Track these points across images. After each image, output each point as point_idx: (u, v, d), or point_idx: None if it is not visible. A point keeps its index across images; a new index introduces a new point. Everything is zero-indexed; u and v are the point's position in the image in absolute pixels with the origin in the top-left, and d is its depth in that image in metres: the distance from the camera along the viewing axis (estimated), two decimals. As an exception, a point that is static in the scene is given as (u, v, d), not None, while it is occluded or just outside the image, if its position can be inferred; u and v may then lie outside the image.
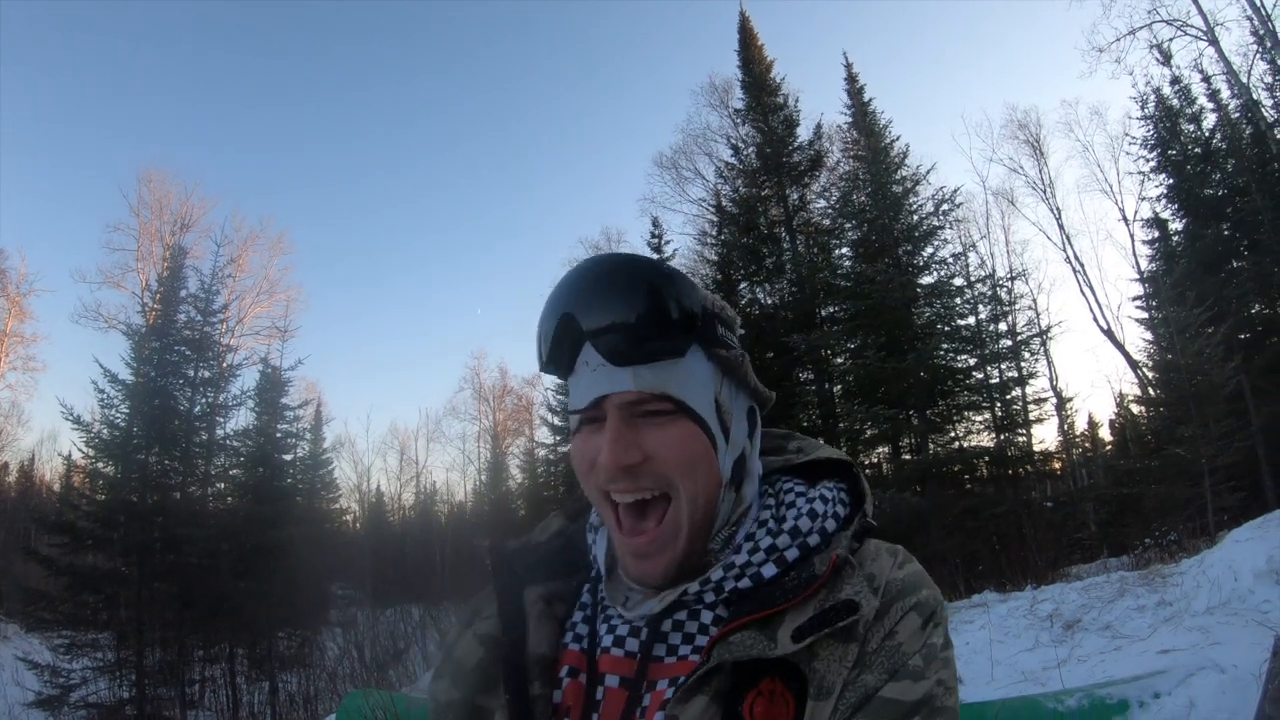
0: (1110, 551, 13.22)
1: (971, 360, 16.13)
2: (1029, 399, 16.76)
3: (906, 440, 16.37)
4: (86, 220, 50.37)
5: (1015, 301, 17.05)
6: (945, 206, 16.63)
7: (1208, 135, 18.23)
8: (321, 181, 57.14)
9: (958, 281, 16.46)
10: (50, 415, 50.92)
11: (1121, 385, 27.18)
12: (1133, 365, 19.88)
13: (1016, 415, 16.26)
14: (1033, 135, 23.33)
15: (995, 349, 16.08)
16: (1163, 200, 18.96)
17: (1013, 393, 16.27)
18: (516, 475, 34.30)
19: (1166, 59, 19.15)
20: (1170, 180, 18.51)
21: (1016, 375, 16.20)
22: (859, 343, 15.90)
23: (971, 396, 16.00)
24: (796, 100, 19.53)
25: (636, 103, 60.14)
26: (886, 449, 16.59)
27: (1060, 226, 22.37)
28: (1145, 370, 19.04)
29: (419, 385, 69.22)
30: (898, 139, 17.89)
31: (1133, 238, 20.66)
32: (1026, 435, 16.38)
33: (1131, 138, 20.07)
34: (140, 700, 14.19)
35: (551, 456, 26.26)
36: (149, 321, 18.97)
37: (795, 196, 19.37)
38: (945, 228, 16.90)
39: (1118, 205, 22.21)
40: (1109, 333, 20.98)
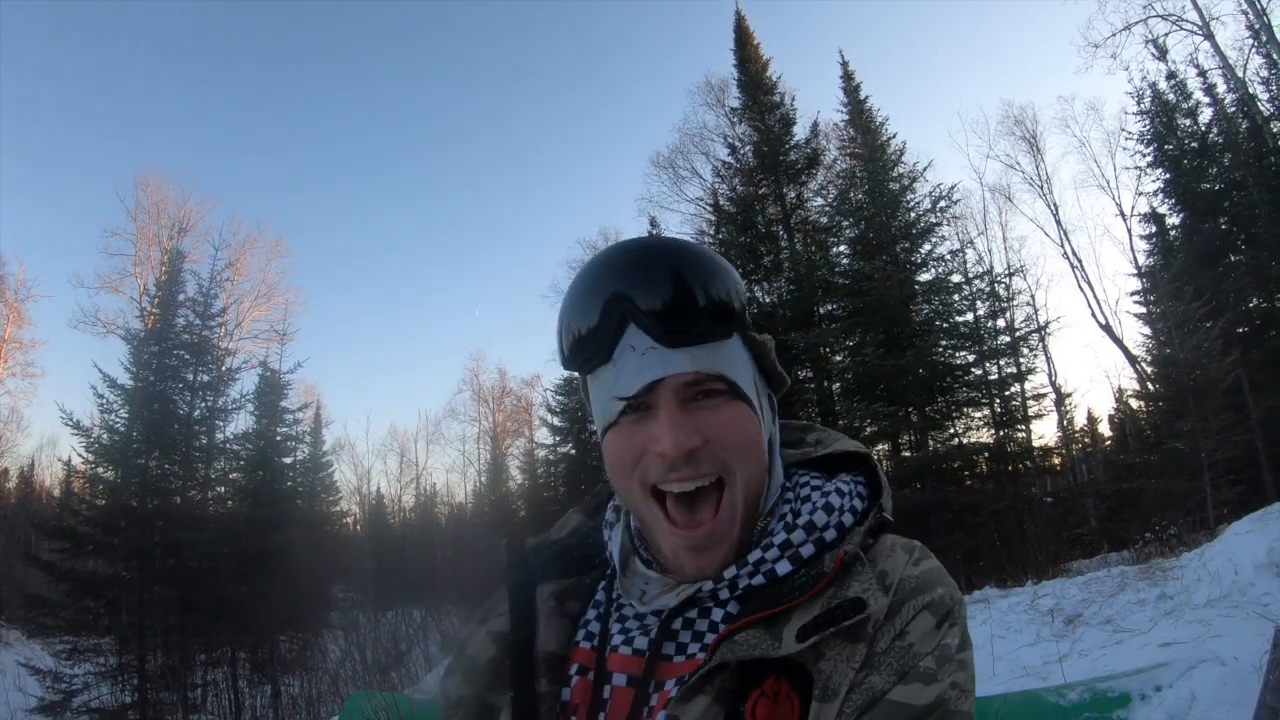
0: (1111, 546, 13.28)
1: (970, 357, 16.13)
2: (1028, 395, 16.78)
3: (906, 437, 16.38)
4: (84, 225, 50.46)
5: (1013, 297, 17.08)
6: (942, 203, 16.65)
7: (1204, 130, 18.25)
8: (319, 184, 57.17)
9: (956, 278, 16.47)
10: (50, 421, 51.03)
11: (1120, 380, 27.18)
12: (1131, 360, 19.91)
13: (1016, 411, 16.27)
14: (1029, 131, 23.34)
15: (994, 345, 16.09)
16: (1160, 195, 19.01)
17: (1012, 389, 16.29)
18: (516, 476, 34.35)
19: (1162, 54, 19.20)
20: (1167, 175, 18.52)
21: (1015, 371, 16.23)
22: (857, 340, 15.89)
23: (971, 393, 16.01)
24: (793, 99, 19.53)
25: (633, 103, 60.27)
26: (886, 446, 16.58)
27: (1058, 222, 22.37)
28: (1144, 365, 19.07)
29: (418, 387, 69.60)
30: (894, 136, 17.89)
31: (1130, 233, 20.69)
32: (1026, 431, 16.40)
33: (1128, 133, 20.12)
34: (143, 705, 14.20)
35: (551, 457, 26.26)
36: (147, 326, 18.99)
37: (792, 195, 19.36)
38: (943, 224, 16.96)
39: (1115, 200, 22.36)
40: (1107, 328, 21.01)
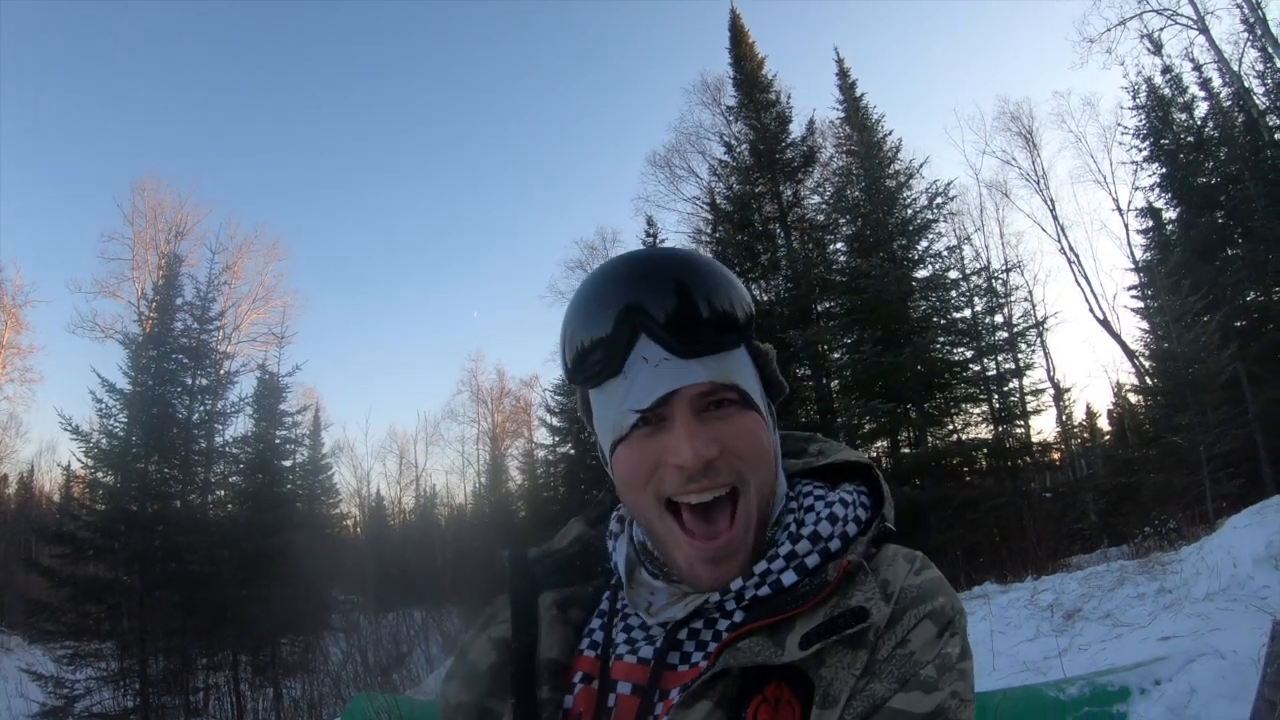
0: (1110, 541, 13.28)
1: (968, 353, 16.15)
2: (1026, 390, 16.81)
3: (905, 434, 16.39)
4: (81, 230, 50.09)
5: (1011, 293, 17.12)
6: (939, 200, 16.67)
7: (1200, 124, 18.26)
8: (316, 186, 56.88)
9: (953, 275, 16.49)
10: (49, 426, 50.61)
11: (1119, 375, 27.22)
12: (1129, 355, 19.94)
13: (1014, 407, 16.30)
14: (1025, 127, 23.34)
15: (992, 341, 16.11)
16: (1156, 189, 19.00)
17: (1010, 384, 16.32)
18: (516, 477, 34.27)
19: (1157, 48, 19.22)
20: (1163, 169, 18.53)
21: (1013, 367, 16.26)
22: (855, 337, 15.91)
23: (969, 389, 16.03)
24: (789, 97, 19.56)
25: (630, 102, 60.10)
26: (885, 443, 16.60)
27: (1054, 218, 22.38)
28: (1142, 359, 19.11)
29: (417, 389, 69.49)
30: (890, 133, 17.94)
31: (1127, 227, 20.68)
32: (1025, 427, 16.43)
33: (1124, 128, 20.14)
34: (145, 709, 14.20)
35: (550, 457, 26.24)
36: (146, 330, 18.98)
37: (789, 193, 19.37)
38: (939, 221, 16.98)
39: (1111, 195, 22.37)
40: (1105, 323, 21.03)
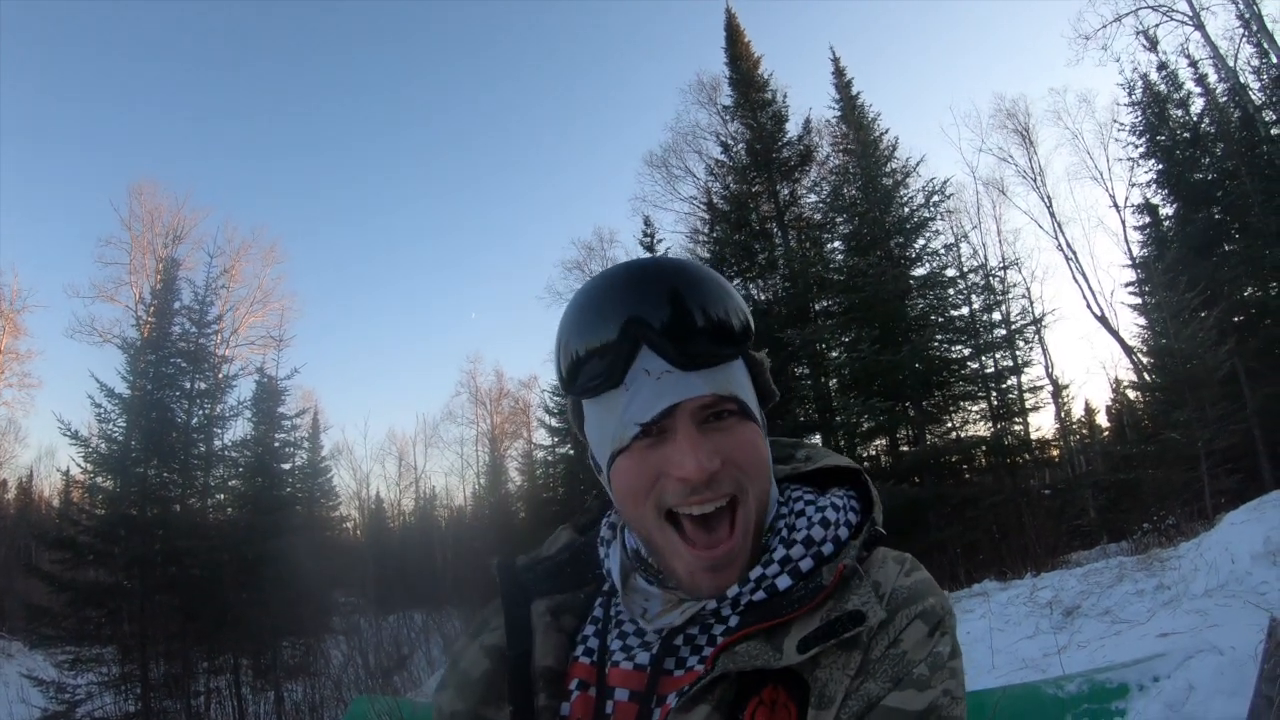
0: (1109, 537, 13.30)
1: (966, 350, 16.18)
2: (1025, 387, 16.82)
3: (904, 432, 16.41)
4: (78, 235, 50.20)
5: (1008, 291, 17.19)
6: (936, 198, 16.71)
7: (1196, 120, 18.26)
8: (313, 189, 56.86)
9: (950, 272, 16.54)
10: (47, 431, 50.76)
11: (1117, 371, 27.34)
12: (1127, 351, 19.97)
13: (1013, 404, 16.32)
14: (1021, 124, 23.38)
15: (990, 338, 16.14)
16: (1153, 186, 18.98)
17: (1008, 382, 16.33)
18: (515, 478, 34.29)
19: (1153, 45, 19.20)
20: (1160, 166, 18.52)
21: (1012, 364, 16.30)
22: (853, 336, 15.91)
23: (967, 386, 16.06)
24: (785, 96, 19.55)
25: (626, 102, 60.08)
26: (884, 441, 16.62)
27: (1051, 214, 22.42)
28: (1140, 356, 19.13)
29: (416, 391, 69.54)
30: (886, 132, 17.92)
31: (1124, 224, 20.69)
32: (1023, 424, 16.47)
33: (1120, 124, 20.12)
34: (146, 714, 14.17)
35: (550, 458, 26.27)
36: (144, 335, 18.91)
37: (786, 192, 19.38)
38: (936, 219, 17.01)
39: (1108, 192, 22.32)
40: (1103, 319, 21.05)
